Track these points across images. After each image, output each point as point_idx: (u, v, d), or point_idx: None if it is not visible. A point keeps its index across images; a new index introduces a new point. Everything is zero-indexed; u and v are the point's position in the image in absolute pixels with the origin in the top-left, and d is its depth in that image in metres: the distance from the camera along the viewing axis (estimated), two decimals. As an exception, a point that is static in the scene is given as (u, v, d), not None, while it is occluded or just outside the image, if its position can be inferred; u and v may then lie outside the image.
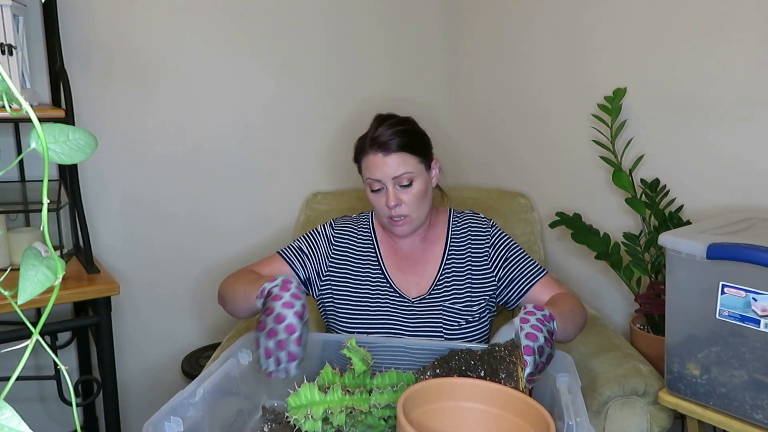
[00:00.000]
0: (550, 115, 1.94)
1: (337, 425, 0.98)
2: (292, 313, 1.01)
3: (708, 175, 1.50)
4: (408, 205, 1.30)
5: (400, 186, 1.29)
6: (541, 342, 1.03)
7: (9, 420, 0.39)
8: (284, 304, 1.02)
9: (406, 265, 1.39)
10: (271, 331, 1.01)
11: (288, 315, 1.01)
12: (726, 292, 1.08)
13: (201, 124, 1.92)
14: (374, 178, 1.29)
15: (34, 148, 0.43)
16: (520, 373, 1.02)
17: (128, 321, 1.89)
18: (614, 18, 1.69)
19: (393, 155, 1.28)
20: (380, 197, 1.31)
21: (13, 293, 0.42)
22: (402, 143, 1.28)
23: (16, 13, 1.46)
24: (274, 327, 1.01)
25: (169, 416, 0.87)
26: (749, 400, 1.09)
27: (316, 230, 1.42)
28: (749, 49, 1.39)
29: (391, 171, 1.28)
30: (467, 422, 0.95)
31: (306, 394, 0.97)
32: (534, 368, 1.01)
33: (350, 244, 1.40)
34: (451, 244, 1.40)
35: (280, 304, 1.03)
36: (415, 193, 1.30)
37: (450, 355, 1.09)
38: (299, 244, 1.39)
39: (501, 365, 1.03)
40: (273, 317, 1.01)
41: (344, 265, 1.38)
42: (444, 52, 2.31)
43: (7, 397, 0.40)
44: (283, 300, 1.03)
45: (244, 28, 1.94)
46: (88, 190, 1.75)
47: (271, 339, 1.00)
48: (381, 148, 1.28)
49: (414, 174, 1.29)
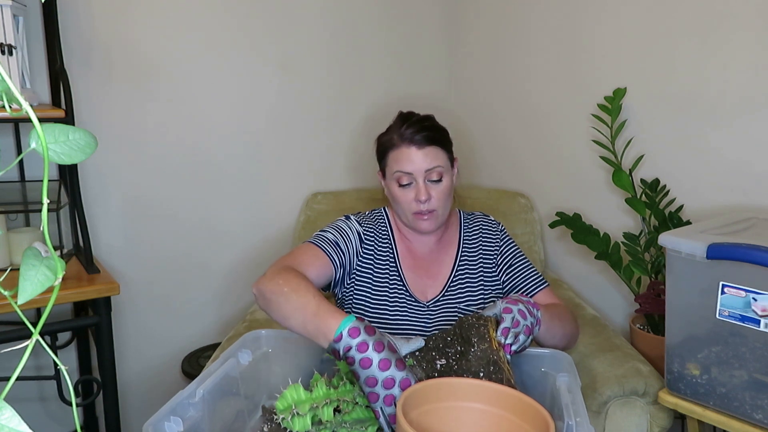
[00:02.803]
0: (550, 114, 1.94)
1: (326, 421, 0.97)
2: (394, 369, 0.94)
3: (708, 175, 1.50)
4: (436, 200, 1.29)
5: (430, 181, 1.28)
6: (520, 307, 1.07)
7: (9, 420, 0.39)
8: (381, 366, 0.94)
9: (421, 267, 1.36)
10: (388, 398, 0.94)
11: (394, 375, 0.94)
12: (726, 292, 1.08)
13: (201, 123, 1.92)
14: (406, 171, 1.27)
15: (34, 148, 0.43)
16: (492, 334, 1.04)
17: (128, 321, 1.89)
18: (614, 18, 1.69)
19: (426, 148, 1.27)
20: (408, 192, 1.29)
21: (13, 293, 0.42)
22: (433, 137, 1.28)
23: (16, 13, 1.46)
24: (388, 394, 0.94)
25: (169, 416, 0.87)
26: (749, 400, 1.09)
27: (346, 225, 1.34)
28: (749, 49, 1.38)
29: (424, 164, 1.26)
30: (466, 422, 0.95)
31: (292, 394, 0.97)
32: (511, 325, 1.04)
33: (375, 244, 1.35)
34: (463, 246, 1.39)
35: (375, 368, 0.94)
36: (443, 189, 1.29)
37: (427, 341, 1.10)
38: (334, 237, 1.30)
39: (471, 331, 1.05)
40: (381, 384, 0.94)
41: (368, 265, 1.34)
42: (444, 52, 2.31)
43: (7, 397, 0.40)
44: (376, 362, 0.94)
45: (243, 28, 1.94)
46: (88, 190, 1.75)
47: (390, 405, 0.94)
48: (413, 141, 1.27)
49: (443, 169, 1.29)
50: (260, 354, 1.16)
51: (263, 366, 1.16)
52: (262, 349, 1.18)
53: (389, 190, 1.34)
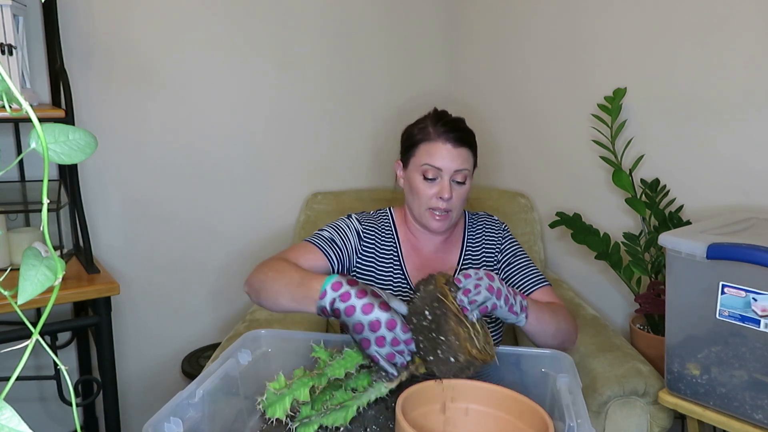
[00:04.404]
0: (550, 115, 1.94)
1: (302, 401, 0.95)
2: (378, 311, 0.94)
3: (708, 175, 1.50)
4: (456, 201, 1.29)
5: (455, 181, 1.29)
6: (481, 274, 1.05)
7: (9, 420, 0.39)
8: (364, 310, 0.95)
9: (425, 265, 1.36)
10: (379, 340, 0.94)
11: (379, 316, 0.94)
12: (726, 292, 1.08)
13: (201, 124, 1.92)
14: (435, 165, 1.27)
15: (34, 148, 0.43)
16: (440, 281, 1.01)
17: (128, 321, 1.89)
18: (614, 18, 1.69)
19: (461, 149, 1.27)
20: (431, 186, 1.29)
21: (13, 293, 0.42)
22: (468, 140, 1.29)
23: (16, 13, 1.46)
24: (379, 335, 0.94)
25: (168, 417, 0.87)
26: (749, 400, 1.09)
27: (345, 223, 1.35)
28: (749, 49, 1.38)
29: (455, 164, 1.27)
30: (466, 424, 0.95)
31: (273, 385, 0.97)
32: (466, 281, 1.02)
33: (376, 242, 1.35)
34: (467, 246, 1.39)
35: (360, 314, 0.94)
36: (463, 192, 1.30)
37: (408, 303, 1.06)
38: (330, 235, 1.31)
39: (428, 288, 1.02)
40: (368, 328, 0.94)
41: (370, 263, 1.34)
42: (444, 52, 2.31)
43: (7, 397, 0.40)
44: (359, 307, 0.95)
45: (243, 28, 1.94)
46: (88, 190, 1.75)
47: (383, 346, 0.95)
48: (449, 139, 1.27)
49: (468, 173, 1.30)
50: (260, 354, 1.16)
51: (263, 366, 1.16)
52: (261, 349, 1.17)
53: (409, 182, 1.33)
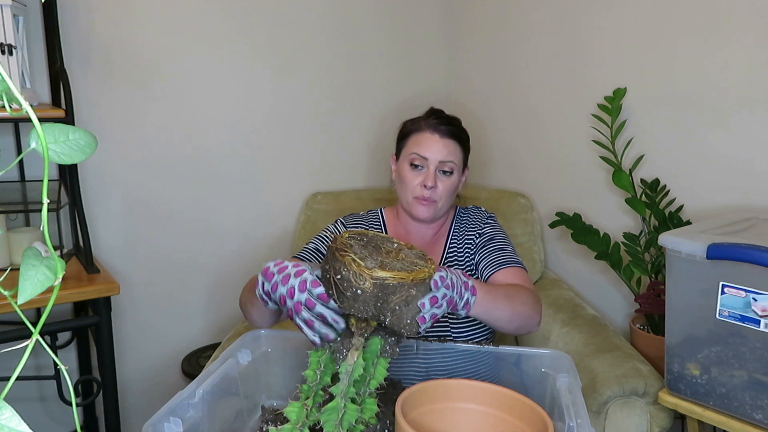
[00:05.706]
0: (550, 115, 1.94)
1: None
2: (293, 279, 0.91)
3: (708, 175, 1.50)
4: (441, 192, 1.33)
5: (441, 172, 1.33)
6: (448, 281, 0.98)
7: (9, 420, 0.39)
8: (282, 281, 0.93)
9: None
10: (297, 306, 0.90)
11: (293, 282, 0.91)
12: (726, 292, 1.08)
13: (201, 124, 1.92)
14: (422, 154, 1.33)
15: (34, 148, 0.43)
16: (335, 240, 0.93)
17: (128, 321, 1.89)
18: (614, 18, 1.69)
19: (447, 140, 1.34)
20: (417, 174, 1.34)
21: (13, 293, 0.42)
22: (457, 134, 1.36)
23: (16, 13, 1.46)
24: (296, 301, 0.90)
25: (168, 417, 0.87)
26: (749, 400, 1.09)
27: (330, 230, 1.41)
28: (749, 49, 1.39)
29: (441, 155, 1.32)
30: (465, 423, 0.95)
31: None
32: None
33: None
34: (452, 238, 1.40)
35: (280, 286, 0.93)
36: (449, 184, 1.34)
37: None
38: (314, 245, 1.37)
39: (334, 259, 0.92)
40: (287, 296, 0.91)
41: None
42: (444, 52, 2.31)
43: (7, 397, 0.40)
44: (279, 280, 0.93)
45: (244, 28, 1.94)
46: (88, 190, 1.75)
47: (300, 312, 0.90)
48: (438, 130, 1.34)
49: (455, 166, 1.35)
50: (260, 354, 1.16)
51: (263, 366, 1.16)
52: (261, 348, 1.17)
53: (398, 172, 1.38)
